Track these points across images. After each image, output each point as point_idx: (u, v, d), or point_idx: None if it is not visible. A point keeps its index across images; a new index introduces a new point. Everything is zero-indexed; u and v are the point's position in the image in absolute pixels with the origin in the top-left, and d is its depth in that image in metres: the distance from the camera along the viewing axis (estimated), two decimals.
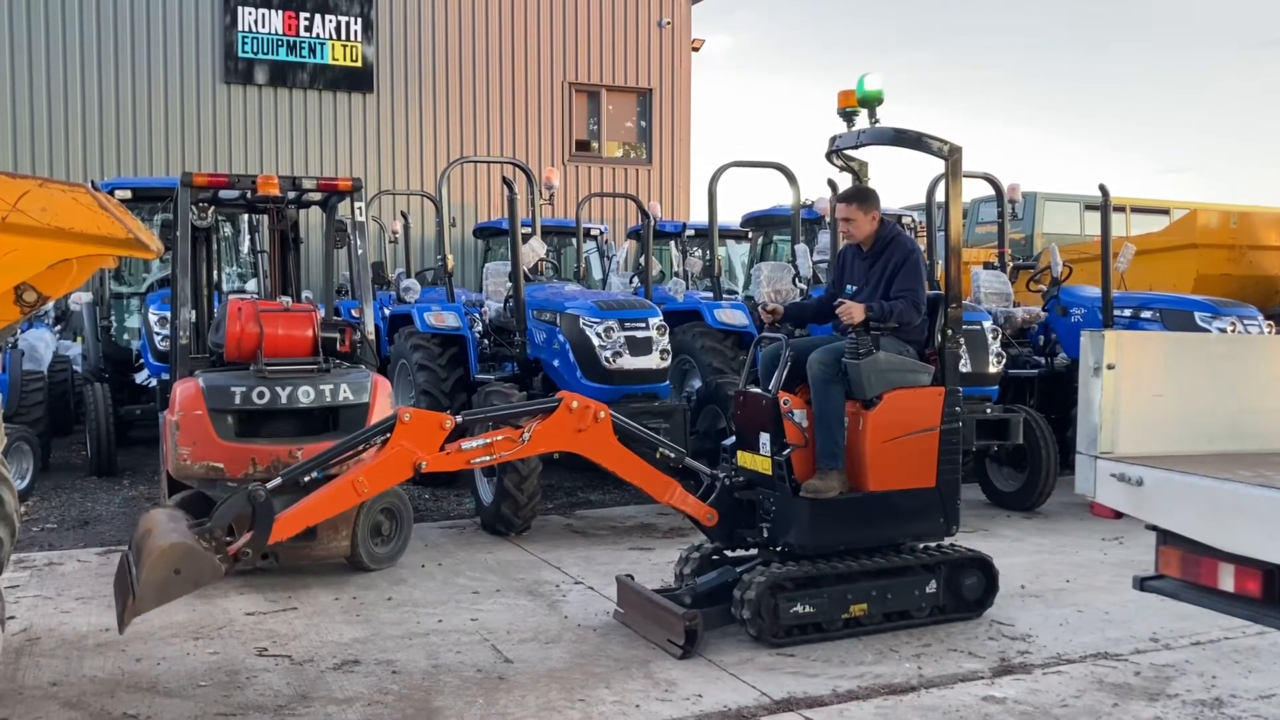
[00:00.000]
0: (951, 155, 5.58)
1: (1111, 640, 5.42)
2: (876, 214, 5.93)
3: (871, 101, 5.99)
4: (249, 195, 7.20)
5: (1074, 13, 66.14)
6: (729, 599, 5.31)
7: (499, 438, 5.15)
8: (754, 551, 5.71)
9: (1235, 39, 64.41)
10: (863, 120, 6.08)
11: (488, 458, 5.16)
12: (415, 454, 4.93)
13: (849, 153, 6.15)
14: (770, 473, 5.50)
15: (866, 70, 6.00)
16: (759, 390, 5.69)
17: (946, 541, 5.81)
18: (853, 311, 5.52)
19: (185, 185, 6.89)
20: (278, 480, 4.79)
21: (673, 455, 5.55)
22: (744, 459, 5.73)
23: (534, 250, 8.89)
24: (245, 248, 10.97)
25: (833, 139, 6.12)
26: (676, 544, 7.12)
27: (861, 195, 5.96)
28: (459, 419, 5.06)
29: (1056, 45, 67.16)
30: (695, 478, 5.66)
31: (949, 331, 5.64)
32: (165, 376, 8.79)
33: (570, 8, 18.75)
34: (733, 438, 5.92)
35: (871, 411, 5.44)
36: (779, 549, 5.54)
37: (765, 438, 5.53)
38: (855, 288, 5.92)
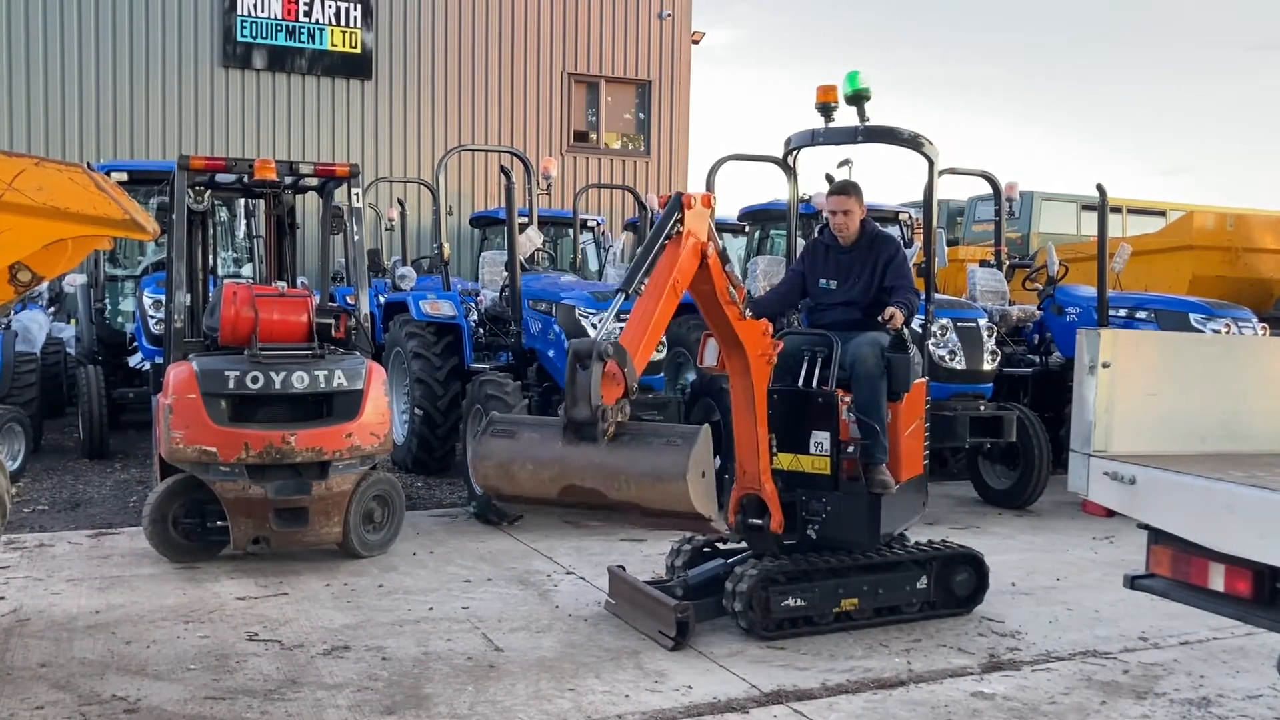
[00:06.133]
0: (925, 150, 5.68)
1: (1101, 638, 5.43)
2: (865, 209, 5.98)
3: (859, 98, 5.96)
4: (246, 180, 7.18)
5: (1074, 13, 66.15)
6: (720, 591, 5.32)
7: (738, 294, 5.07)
8: (743, 545, 5.71)
9: (1234, 42, 64.50)
10: (850, 117, 6.07)
11: (734, 300, 4.99)
12: (699, 240, 4.69)
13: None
14: (829, 472, 5.43)
15: (857, 67, 5.98)
16: (806, 388, 5.56)
17: (938, 538, 5.83)
18: (899, 318, 5.50)
19: (182, 168, 6.86)
20: (615, 308, 4.54)
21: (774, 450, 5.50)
22: (781, 460, 5.54)
23: (531, 240, 8.87)
24: (241, 232, 10.94)
25: (787, 140, 6.19)
26: (668, 536, 7.12)
27: (856, 188, 5.98)
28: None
29: (1057, 45, 67.17)
30: None
31: (928, 325, 5.74)
32: (159, 360, 8.78)
33: None
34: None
35: (899, 404, 5.52)
36: (823, 548, 5.50)
37: (823, 437, 5.44)
38: (834, 282, 5.90)
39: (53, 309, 12.74)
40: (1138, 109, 64.85)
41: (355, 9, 17.23)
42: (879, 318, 5.54)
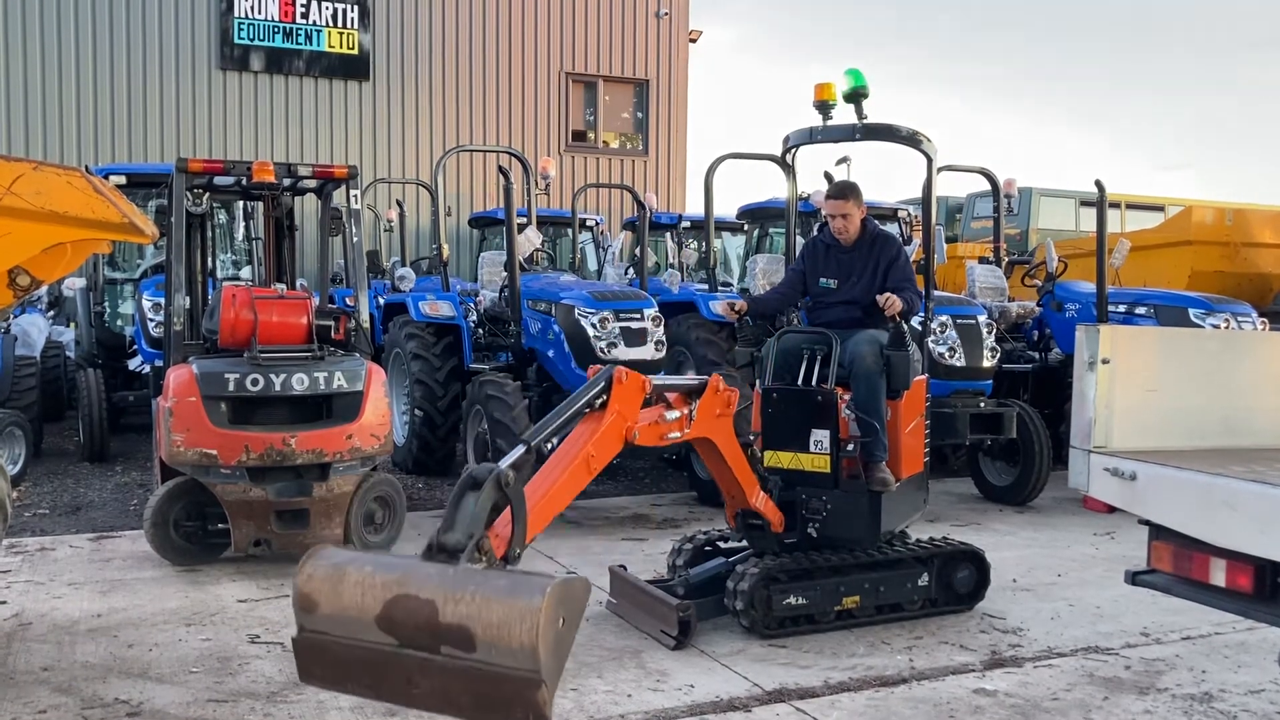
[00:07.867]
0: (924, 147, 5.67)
1: (1102, 634, 5.44)
2: (865, 208, 5.98)
3: (857, 96, 5.95)
4: (244, 182, 7.17)
5: (1073, 11, 66.15)
6: (722, 590, 5.32)
7: (676, 414, 4.70)
8: (745, 544, 5.71)
9: (1234, 39, 64.49)
10: (848, 114, 6.07)
11: (678, 434, 4.70)
12: (626, 420, 4.36)
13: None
14: (829, 470, 5.42)
15: (855, 64, 6.01)
16: (805, 386, 5.55)
17: (939, 535, 5.84)
18: (896, 304, 5.51)
19: (180, 171, 6.86)
20: (513, 457, 3.86)
21: (756, 457, 5.45)
22: (781, 459, 5.53)
23: (529, 240, 8.87)
24: (240, 235, 10.94)
25: (786, 138, 6.18)
26: (669, 535, 7.12)
27: (855, 189, 5.98)
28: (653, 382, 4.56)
29: (1056, 43, 67.19)
30: None
31: (928, 322, 5.73)
32: (159, 363, 8.78)
33: None
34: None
35: (899, 402, 5.52)
36: (824, 546, 5.50)
37: (822, 435, 5.42)
38: (834, 281, 5.91)
39: (52, 312, 12.74)
40: (1136, 105, 64.91)
41: (352, 10, 17.22)
42: (876, 296, 5.57)
